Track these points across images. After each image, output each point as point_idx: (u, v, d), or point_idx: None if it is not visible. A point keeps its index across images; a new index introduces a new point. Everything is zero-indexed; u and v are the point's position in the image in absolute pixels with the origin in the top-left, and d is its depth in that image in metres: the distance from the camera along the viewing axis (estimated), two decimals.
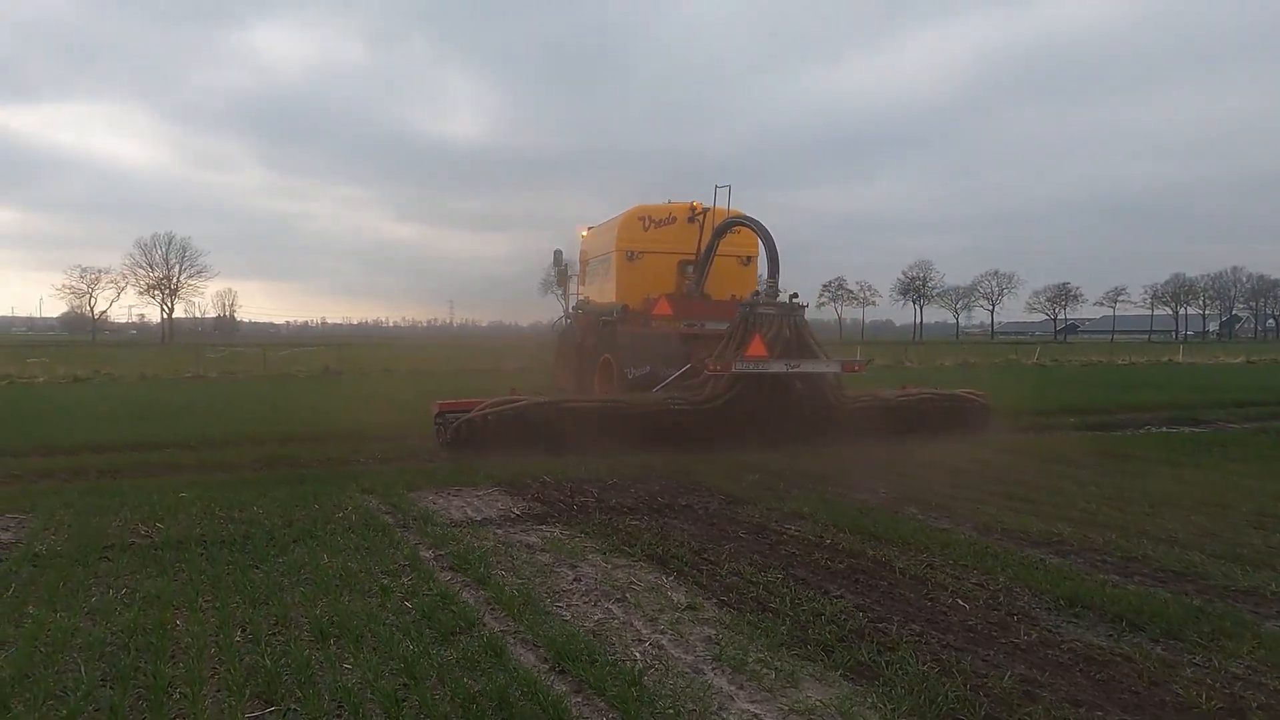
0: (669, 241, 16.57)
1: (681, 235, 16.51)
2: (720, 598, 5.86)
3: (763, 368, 13.27)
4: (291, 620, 5.24)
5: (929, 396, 15.56)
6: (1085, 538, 7.54)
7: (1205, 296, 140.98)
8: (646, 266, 16.47)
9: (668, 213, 16.69)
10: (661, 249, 16.54)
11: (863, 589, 6.11)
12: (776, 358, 13.35)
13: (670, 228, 16.62)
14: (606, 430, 12.74)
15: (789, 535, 7.62)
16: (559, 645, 4.80)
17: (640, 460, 11.36)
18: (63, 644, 4.79)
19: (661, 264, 16.54)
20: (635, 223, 16.73)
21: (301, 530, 7.34)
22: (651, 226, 16.67)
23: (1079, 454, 12.37)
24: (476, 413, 12.51)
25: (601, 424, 12.82)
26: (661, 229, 16.61)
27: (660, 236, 16.59)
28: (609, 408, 13.34)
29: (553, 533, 7.66)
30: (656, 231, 16.65)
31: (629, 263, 16.49)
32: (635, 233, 16.65)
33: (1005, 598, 5.91)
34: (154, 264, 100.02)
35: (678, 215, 16.69)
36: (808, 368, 13.64)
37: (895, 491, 9.79)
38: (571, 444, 12.30)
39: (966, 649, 4.99)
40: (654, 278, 16.36)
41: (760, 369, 13.26)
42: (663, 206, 16.87)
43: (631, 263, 16.48)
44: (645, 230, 16.64)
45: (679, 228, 16.60)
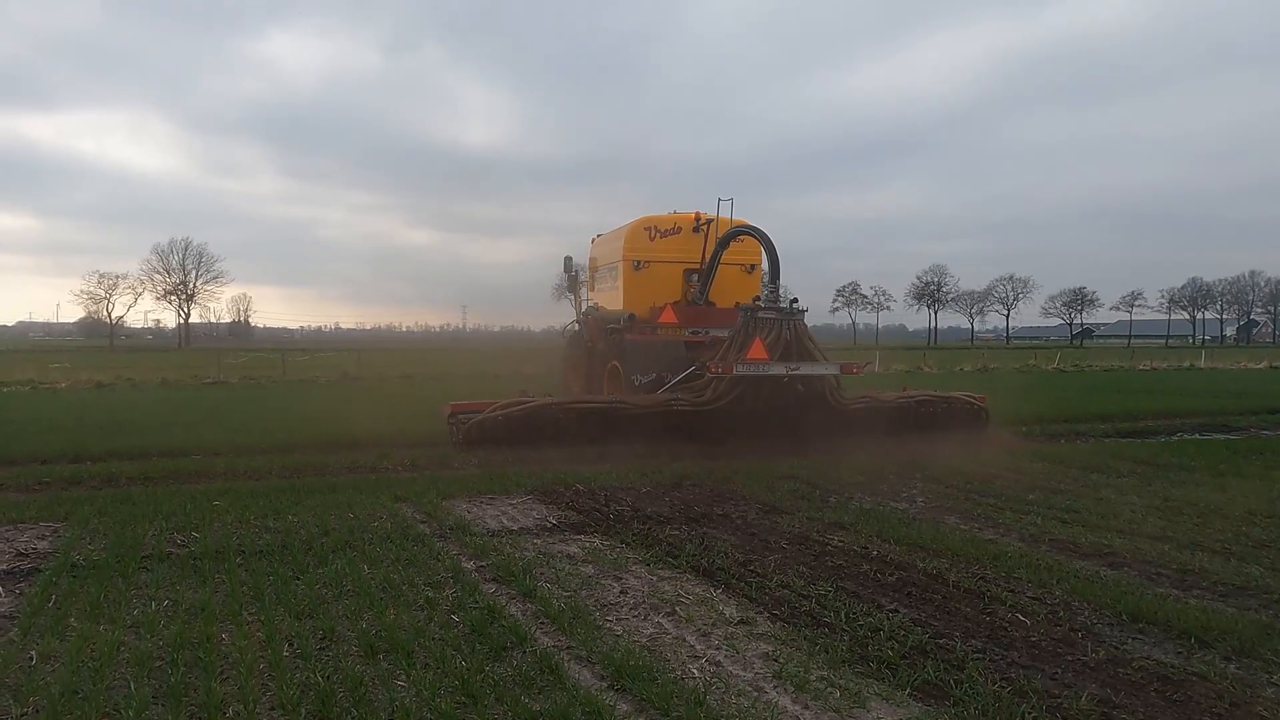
0: (674, 251, 16.88)
1: (687, 245, 16.82)
2: (772, 612, 5.72)
3: (763, 370, 13.55)
4: (339, 634, 5.13)
5: (927, 398, 15.79)
6: (1137, 549, 7.37)
7: (1223, 301, 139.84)
8: (653, 275, 16.81)
9: (673, 223, 17.00)
10: (667, 258, 16.85)
11: (917, 603, 5.96)
12: (777, 360, 13.62)
13: (676, 237, 16.92)
14: (612, 429, 13.20)
15: (833, 546, 7.48)
16: (616, 662, 4.67)
17: (673, 468, 11.25)
18: (110, 658, 4.69)
19: (667, 273, 16.88)
20: (641, 233, 17.03)
21: (339, 540, 7.24)
22: (658, 236, 16.97)
23: (1115, 462, 12.17)
24: (488, 413, 12.93)
25: (607, 423, 13.27)
26: (667, 239, 16.92)
27: (666, 246, 16.90)
28: (615, 408, 13.64)
29: (593, 543, 7.53)
30: (662, 241, 16.95)
31: (635, 272, 16.83)
32: (642, 242, 16.97)
33: (1065, 613, 5.75)
34: (171, 269, 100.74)
35: (683, 225, 16.99)
36: (807, 370, 13.93)
37: (932, 500, 9.65)
38: (579, 443, 12.79)
39: (1034, 667, 4.84)
40: (660, 286, 16.71)
41: (761, 371, 13.54)
42: (668, 217, 17.18)
43: (638, 271, 16.81)
44: (651, 240, 16.96)
45: (684, 237, 16.90)
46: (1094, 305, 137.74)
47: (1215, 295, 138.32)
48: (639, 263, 16.86)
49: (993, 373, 38.88)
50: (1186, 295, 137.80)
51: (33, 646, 4.92)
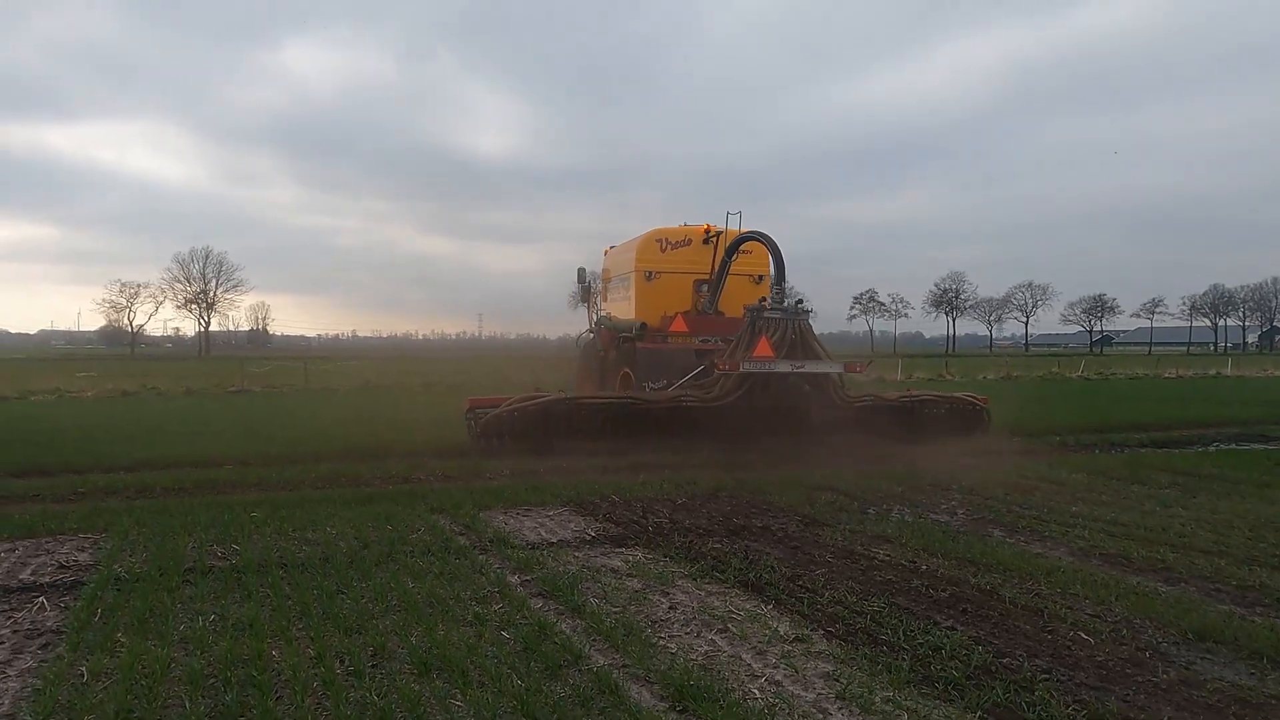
0: (685, 262, 17.41)
1: (697, 256, 17.35)
2: (827, 629, 5.60)
3: (769, 367, 13.97)
4: (390, 651, 5.05)
5: (930, 399, 16.25)
6: (1192, 565, 7.20)
7: (1245, 308, 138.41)
8: (664, 285, 17.30)
9: (684, 235, 17.51)
10: (678, 269, 17.37)
11: (973, 620, 5.82)
12: (782, 358, 14.05)
13: (686, 249, 17.44)
14: (624, 425, 13.76)
15: (880, 560, 7.35)
16: (676, 682, 4.57)
17: (709, 478, 11.14)
18: (161, 676, 4.63)
19: (678, 283, 17.38)
20: (653, 244, 17.55)
21: (380, 553, 7.17)
22: (669, 248, 17.50)
23: (1154, 473, 11.97)
24: (504, 408, 13.42)
25: (619, 419, 13.80)
26: (678, 250, 17.45)
27: (677, 257, 17.43)
28: (626, 404, 14.13)
29: (635, 556, 7.43)
30: (673, 253, 17.48)
31: (647, 282, 17.31)
32: (653, 253, 17.48)
33: (1128, 631, 5.61)
34: (192, 278, 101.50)
35: (693, 237, 17.51)
36: (812, 368, 14.32)
37: (973, 513, 9.50)
38: (591, 438, 13.44)
39: (1104, 688, 4.70)
40: (671, 296, 17.20)
41: (767, 369, 13.96)
42: (679, 229, 17.66)
43: (650, 282, 17.30)
44: (663, 251, 17.48)
45: (694, 249, 17.43)
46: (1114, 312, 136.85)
47: (1237, 302, 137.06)
48: (650, 273, 17.34)
49: (1017, 381, 38.57)
50: (1208, 302, 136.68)
51: (82, 663, 4.86)
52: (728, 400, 13.99)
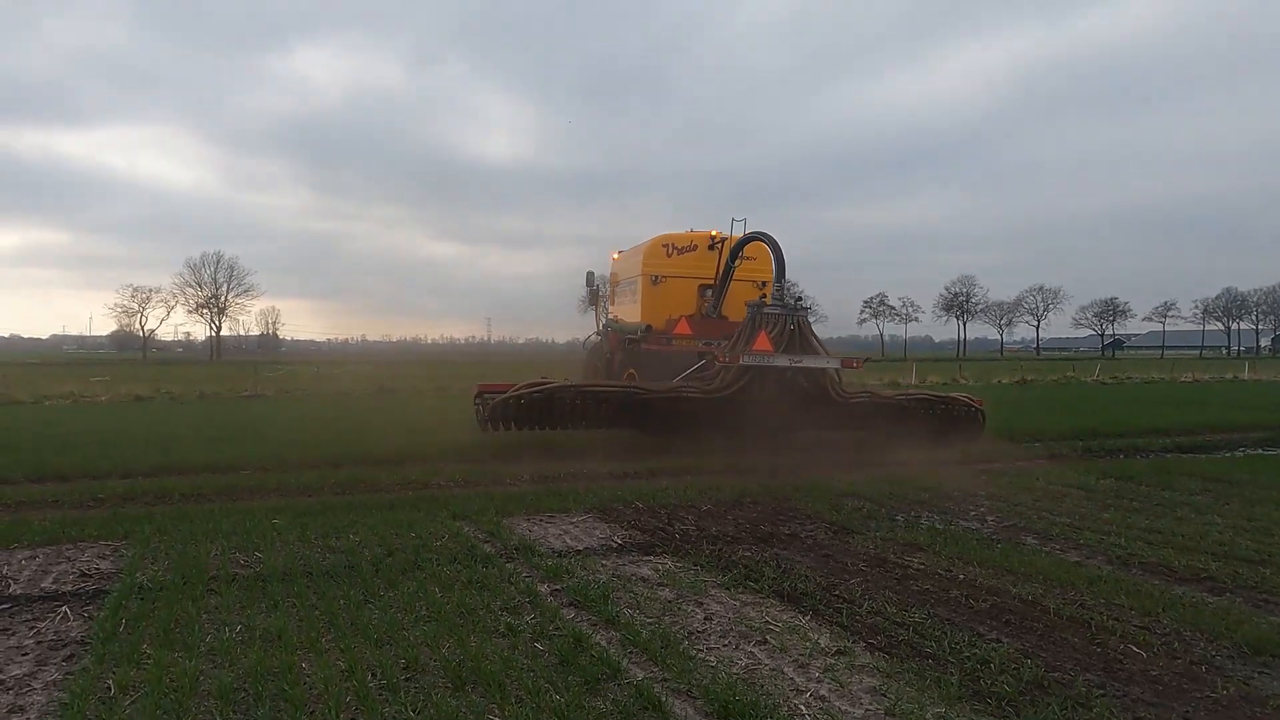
0: (690, 267, 17.76)
1: (702, 261, 17.67)
2: (868, 641, 5.45)
3: (768, 361, 14.27)
4: (422, 664, 4.91)
5: (926, 398, 16.52)
6: (1236, 574, 7.03)
7: (1258, 312, 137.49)
8: (669, 290, 17.69)
9: (689, 240, 17.86)
10: (683, 274, 17.72)
11: (1018, 632, 5.66)
12: (780, 353, 14.37)
13: (692, 255, 17.79)
14: (626, 414, 14.29)
15: (914, 569, 7.19)
16: (720, 697, 4.42)
17: (733, 484, 10.99)
18: (190, 690, 4.50)
19: (683, 288, 17.74)
20: (659, 249, 17.92)
21: (405, 561, 7.04)
22: (674, 253, 17.87)
23: (1184, 479, 11.77)
24: (512, 393, 13.78)
25: (622, 407, 14.21)
26: (684, 255, 17.81)
27: (682, 262, 17.78)
28: (629, 393, 14.42)
29: (665, 564, 7.28)
30: (679, 258, 17.84)
31: (653, 286, 17.68)
32: (659, 258, 17.86)
33: (1180, 644, 5.44)
34: (203, 283, 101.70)
35: (698, 243, 17.85)
36: (809, 363, 14.62)
37: (1004, 519, 9.34)
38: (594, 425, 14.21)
39: (1162, 704, 4.55)
40: (676, 300, 17.57)
41: (765, 362, 14.26)
42: (685, 235, 18.02)
43: (656, 286, 17.67)
44: (669, 256, 17.86)
45: (699, 254, 17.77)
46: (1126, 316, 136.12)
47: (1250, 305, 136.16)
48: (656, 278, 17.71)
49: (1032, 385, 38.27)
50: (1221, 305, 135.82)
51: (109, 675, 4.74)
52: (728, 392, 14.30)
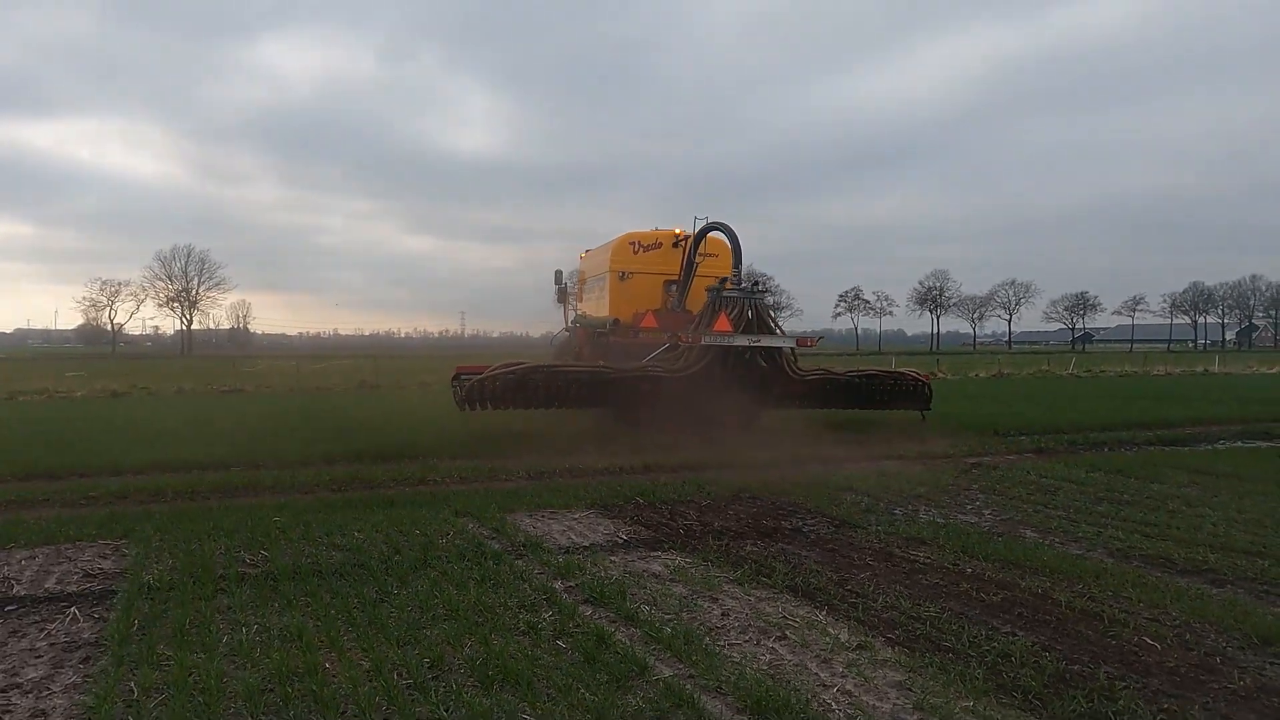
0: (656, 263, 18.67)
1: (667, 258, 18.61)
2: (887, 635, 5.49)
3: (728, 341, 15.26)
4: (447, 663, 4.89)
5: (876, 374, 17.80)
6: (1235, 566, 7.16)
7: (1224, 306, 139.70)
8: (636, 285, 18.54)
9: (655, 239, 18.75)
10: (649, 270, 18.62)
11: (1032, 625, 5.73)
12: (740, 334, 15.38)
13: (657, 252, 18.69)
14: (596, 393, 15.10)
15: (921, 563, 7.25)
16: (750, 693, 4.44)
17: (727, 480, 11.01)
18: (217, 691, 4.45)
19: (649, 283, 18.64)
20: (626, 247, 18.79)
21: (414, 559, 7.00)
22: (641, 250, 18.73)
23: (1171, 472, 11.95)
24: (487, 373, 14.46)
25: (592, 386, 14.99)
26: (650, 253, 18.69)
27: (648, 259, 18.66)
28: (598, 373, 15.23)
29: (674, 560, 7.29)
30: (645, 255, 18.71)
31: (621, 282, 18.50)
32: (626, 255, 18.72)
33: (1191, 635, 5.54)
34: (174, 276, 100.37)
35: (663, 241, 18.76)
36: (767, 342, 15.70)
37: (1001, 513, 9.44)
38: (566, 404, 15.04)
39: (1182, 696, 4.62)
40: (642, 295, 18.42)
41: (726, 342, 15.25)
42: (651, 233, 18.89)
43: (623, 282, 18.49)
44: (635, 254, 18.70)
45: (664, 252, 18.68)
46: (1096, 310, 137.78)
47: (1217, 300, 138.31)
48: (624, 274, 18.56)
49: (1010, 379, 38.68)
50: (1188, 300, 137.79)
51: (130, 678, 4.68)
52: (691, 371, 15.07)
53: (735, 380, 15.41)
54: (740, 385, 15.48)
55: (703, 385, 15.13)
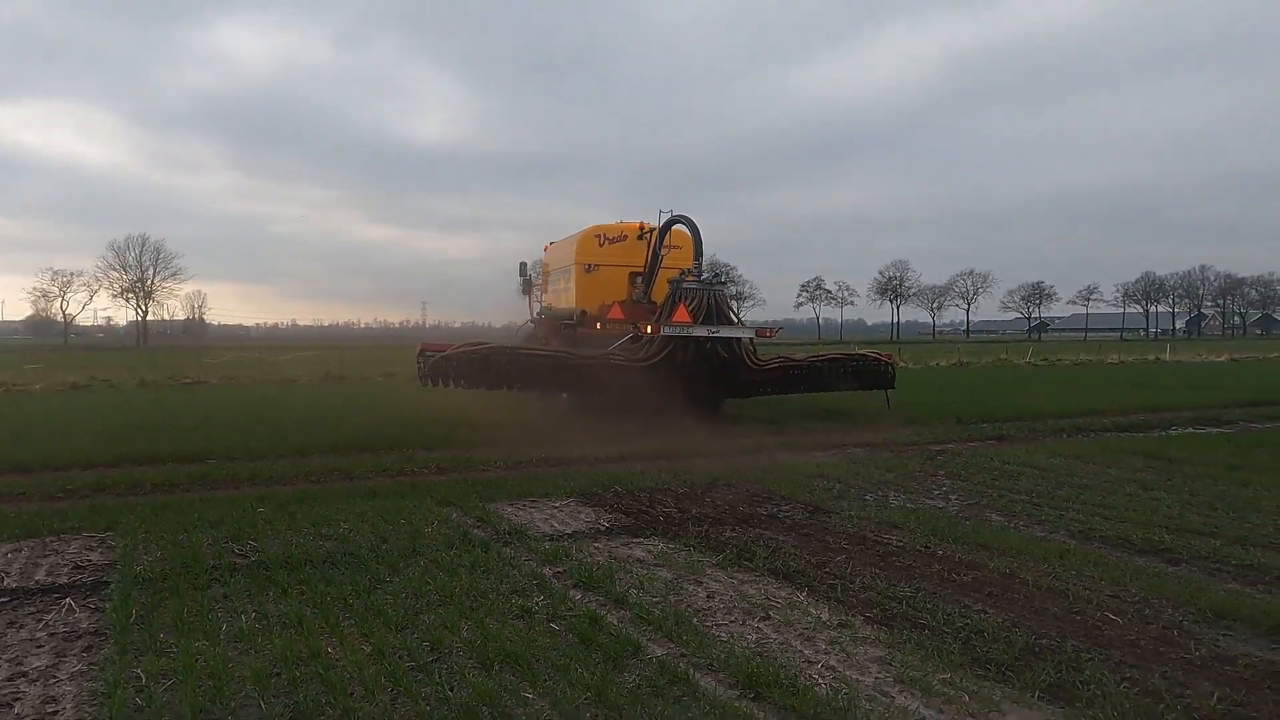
0: (621, 256, 18.90)
1: (632, 251, 18.87)
2: (865, 615, 5.75)
3: (687, 331, 15.64)
4: (447, 646, 5.06)
5: (838, 357, 18.42)
6: (1190, 545, 7.52)
7: (1174, 295, 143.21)
8: (602, 277, 18.84)
9: (620, 231, 19.01)
10: (615, 263, 18.85)
11: (1002, 603, 6.02)
12: (700, 324, 15.74)
13: (622, 244, 18.96)
14: (558, 377, 15.43)
15: (894, 546, 7.53)
16: (741, 670, 4.67)
17: (703, 468, 11.25)
18: (225, 675, 4.58)
19: (615, 275, 18.89)
20: (592, 239, 19.09)
21: (403, 547, 7.13)
22: (606, 243, 19.01)
23: (1127, 458, 12.39)
24: (452, 351, 14.75)
25: (554, 370, 15.32)
26: (615, 245, 18.94)
27: (614, 252, 18.93)
28: (560, 358, 15.62)
29: (656, 546, 7.51)
30: (610, 247, 18.98)
31: (587, 274, 18.81)
32: (592, 248, 19.00)
33: (1150, 610, 5.86)
34: (128, 266, 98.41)
35: (628, 234, 19.05)
36: (726, 333, 16.11)
37: (967, 498, 9.77)
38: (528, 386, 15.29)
39: (1143, 666, 4.92)
40: (608, 287, 18.69)
41: (685, 332, 15.63)
42: (616, 225, 19.15)
43: (589, 274, 18.81)
44: (601, 246, 18.99)
45: (630, 244, 18.96)
46: (1051, 299, 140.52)
47: (1168, 289, 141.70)
48: (590, 266, 18.83)
49: (969, 368, 39.42)
50: (1140, 289, 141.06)
51: (136, 665, 4.78)
52: (652, 361, 15.47)
53: (696, 370, 15.87)
54: (701, 375, 15.96)
55: (663, 375, 15.53)
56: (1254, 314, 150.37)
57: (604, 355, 15.79)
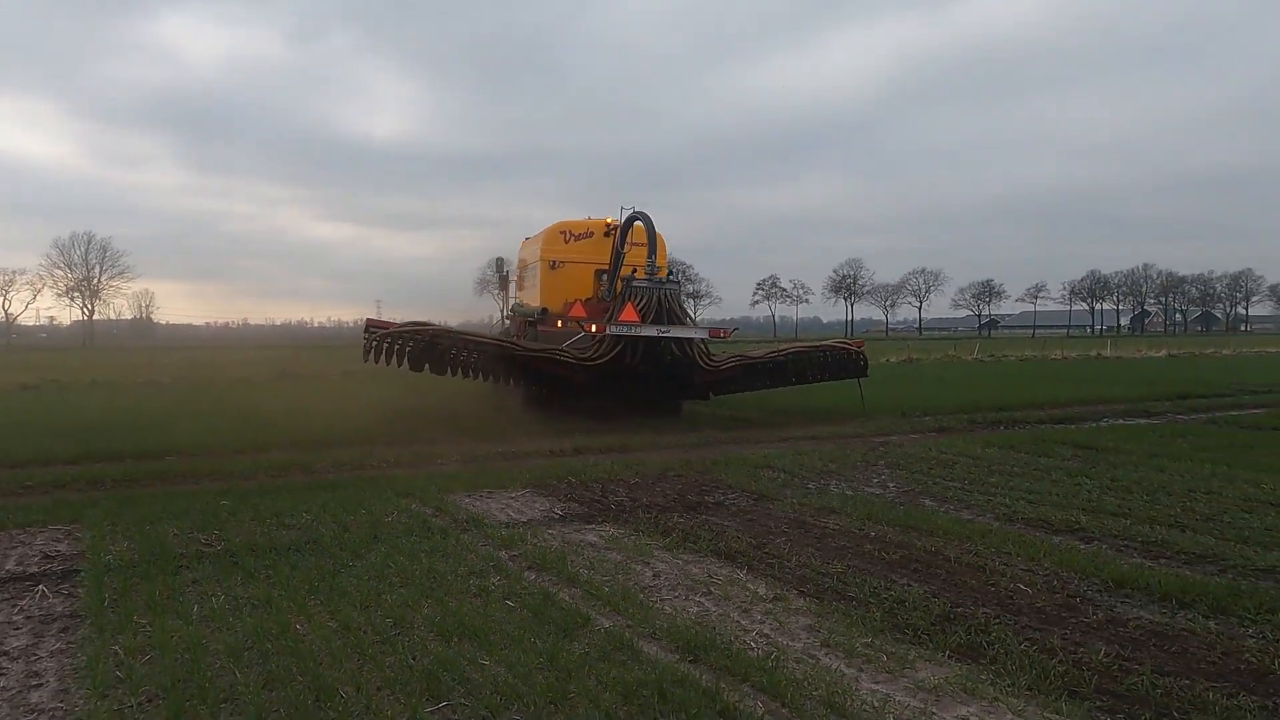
0: (588, 252, 18.87)
1: (598, 247, 18.88)
2: (799, 589, 6.21)
3: (635, 331, 15.33)
4: (409, 622, 5.41)
5: (802, 349, 17.93)
6: (1103, 525, 8.11)
7: (1119, 293, 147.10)
8: (567, 274, 18.86)
9: (586, 227, 18.97)
10: (581, 259, 18.78)
11: (925, 577, 6.52)
12: (650, 324, 15.40)
13: (588, 241, 18.94)
14: (501, 366, 15.22)
15: (831, 529, 8.02)
16: (683, 637, 5.09)
17: (655, 460, 11.68)
18: (198, 650, 4.90)
19: (580, 272, 18.92)
20: (558, 235, 19.12)
21: (365, 535, 7.47)
22: (572, 239, 19.04)
23: (1058, 447, 13.05)
24: (395, 329, 14.65)
25: (497, 360, 15.17)
26: (581, 241, 18.92)
27: (580, 248, 18.90)
28: (504, 347, 15.46)
29: (607, 531, 7.92)
30: (576, 244, 18.99)
31: (552, 270, 18.80)
32: (558, 244, 19.05)
33: (1058, 582, 6.40)
34: (73, 265, 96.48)
35: (595, 230, 19.10)
36: (677, 333, 15.70)
37: (904, 485, 10.30)
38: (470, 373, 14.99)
39: (1046, 629, 5.44)
40: (574, 284, 18.73)
41: (633, 332, 15.31)
42: (582, 222, 19.10)
43: (554, 270, 18.76)
44: (566, 242, 19.04)
45: (596, 240, 19.00)
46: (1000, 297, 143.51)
47: (1112, 287, 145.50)
48: (555, 262, 18.75)
49: (919, 364, 40.37)
50: (1086, 287, 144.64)
51: (113, 643, 5.07)
52: (601, 361, 15.27)
53: (647, 371, 15.56)
54: (653, 376, 15.67)
55: (613, 375, 15.35)
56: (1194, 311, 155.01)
57: (552, 350, 15.61)
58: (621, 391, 15.72)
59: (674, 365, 15.86)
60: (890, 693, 4.54)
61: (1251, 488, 9.83)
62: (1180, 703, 4.39)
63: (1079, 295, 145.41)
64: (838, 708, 4.27)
